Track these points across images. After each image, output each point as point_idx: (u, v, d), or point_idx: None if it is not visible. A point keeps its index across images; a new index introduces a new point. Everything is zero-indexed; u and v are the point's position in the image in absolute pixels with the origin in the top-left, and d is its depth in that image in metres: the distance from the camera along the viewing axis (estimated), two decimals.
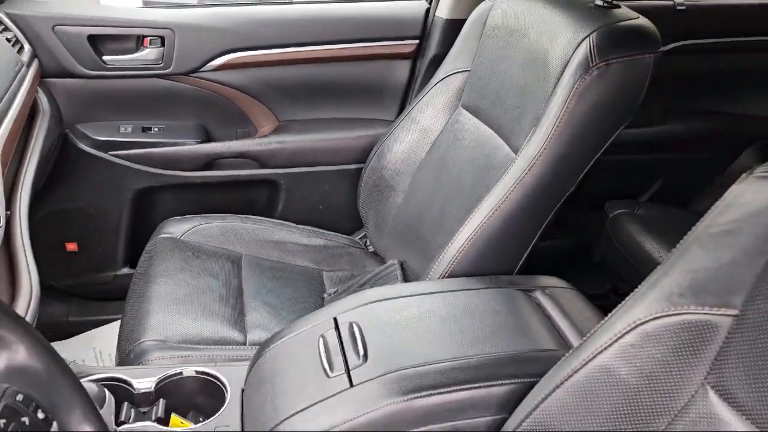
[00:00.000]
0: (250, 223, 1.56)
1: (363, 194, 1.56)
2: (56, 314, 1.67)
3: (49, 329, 1.07)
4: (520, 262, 1.12)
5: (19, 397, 0.47)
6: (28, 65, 1.34)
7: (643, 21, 1.08)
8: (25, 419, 0.45)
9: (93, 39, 1.46)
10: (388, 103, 1.67)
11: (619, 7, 1.12)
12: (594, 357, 0.72)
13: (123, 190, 1.60)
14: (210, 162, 1.62)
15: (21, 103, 1.18)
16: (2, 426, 0.43)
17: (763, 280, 0.61)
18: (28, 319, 0.89)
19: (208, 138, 1.62)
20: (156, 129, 1.58)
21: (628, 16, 1.08)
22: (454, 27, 1.51)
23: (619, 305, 0.73)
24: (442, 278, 1.09)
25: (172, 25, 1.48)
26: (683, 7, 1.70)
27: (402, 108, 1.69)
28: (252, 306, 1.30)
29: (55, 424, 0.49)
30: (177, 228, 1.47)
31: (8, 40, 1.31)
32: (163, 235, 1.45)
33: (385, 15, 1.63)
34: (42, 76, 1.44)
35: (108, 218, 1.63)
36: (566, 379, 0.73)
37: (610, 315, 0.74)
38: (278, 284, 1.40)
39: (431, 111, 1.45)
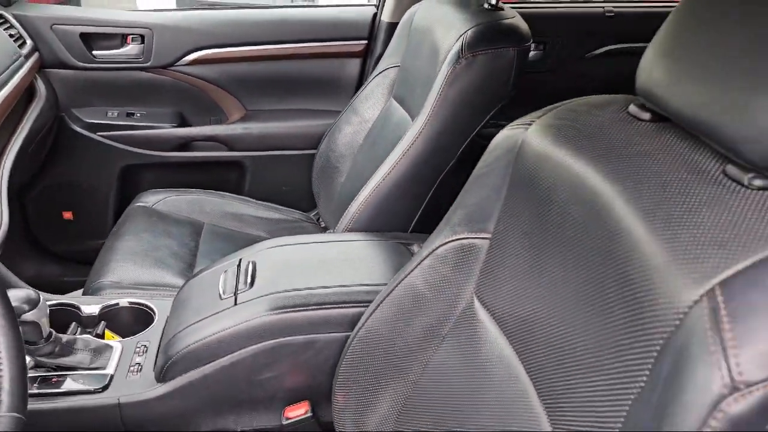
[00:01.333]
0: (215, 198, 1.79)
1: (314, 175, 1.78)
2: (53, 275, 1.93)
3: (47, 287, 1.32)
4: (413, 223, 1.32)
5: None
6: (28, 57, 1.60)
7: (515, 21, 1.27)
8: None
9: (85, 36, 1.73)
10: (341, 96, 1.89)
11: (502, 9, 1.31)
12: (405, 278, 0.91)
13: (111, 166, 1.86)
14: (185, 144, 1.86)
15: (14, 86, 1.44)
16: None
17: (504, 206, 0.80)
18: None
19: (183, 123, 1.87)
20: (138, 114, 1.84)
21: (504, 16, 1.28)
22: (394, 29, 1.72)
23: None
24: (342, 232, 1.30)
25: (150, 25, 1.74)
26: (612, 14, 1.88)
27: None
28: (200, 263, 1.53)
29: None
30: (151, 198, 1.72)
31: (11, 35, 1.58)
32: (138, 204, 1.69)
33: (338, 18, 1.86)
34: (41, 66, 1.71)
35: (98, 191, 1.89)
36: (386, 296, 0.93)
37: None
38: (230, 248, 1.62)
39: (370, 102, 1.66)
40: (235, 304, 1.05)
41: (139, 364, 1.08)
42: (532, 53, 1.89)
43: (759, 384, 0.39)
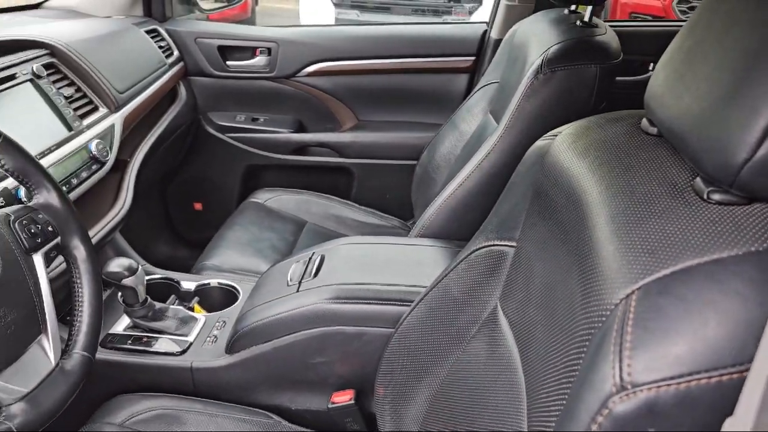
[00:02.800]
0: (322, 200, 1.92)
1: (414, 184, 1.85)
2: (183, 257, 2.18)
3: (177, 267, 1.53)
4: None
5: (41, 217, 0.86)
6: (172, 65, 1.85)
7: (605, 38, 1.24)
8: (38, 226, 0.84)
9: (221, 48, 1.95)
10: (446, 110, 1.94)
11: (596, 26, 1.30)
12: (441, 280, 0.95)
13: (236, 165, 2.07)
14: (300, 148, 2.02)
15: (155, 90, 1.67)
16: (22, 223, 0.82)
17: (527, 214, 0.81)
18: (112, 224, 1.34)
19: (301, 129, 2.03)
20: (262, 119, 2.03)
21: (594, 33, 1.26)
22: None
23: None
24: (414, 236, 1.35)
25: (277, 39, 1.92)
26: None
27: None
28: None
29: (59, 238, 0.88)
30: (264, 195, 1.89)
31: (161, 47, 1.83)
32: (252, 199, 1.87)
33: (449, 35, 1.92)
34: (185, 74, 1.96)
35: (225, 186, 2.11)
36: (424, 297, 0.97)
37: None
38: None
39: (469, 117, 1.70)
40: (298, 291, 1.15)
41: (215, 336, 1.21)
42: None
43: (644, 386, 0.39)
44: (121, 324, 1.24)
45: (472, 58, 1.89)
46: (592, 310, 0.49)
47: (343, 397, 1.11)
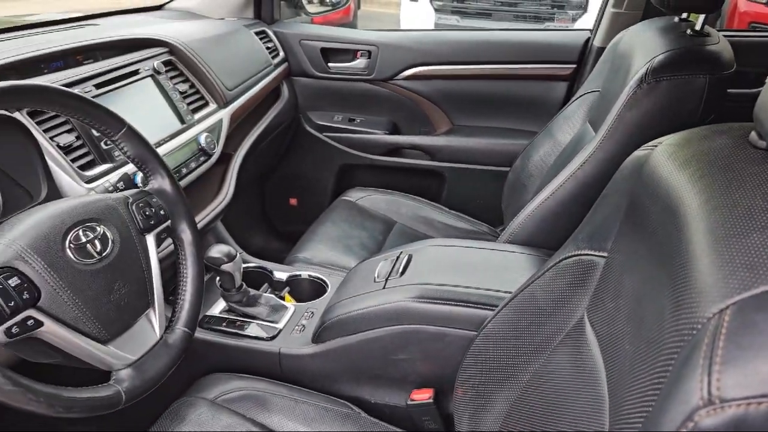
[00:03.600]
0: (412, 201, 1.95)
1: (505, 191, 1.84)
2: (276, 249, 2.27)
3: (269, 258, 1.61)
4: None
5: (155, 200, 0.94)
6: (277, 66, 1.94)
7: (717, 48, 1.19)
8: (152, 209, 0.92)
9: (324, 51, 2.02)
10: (543, 117, 1.91)
11: (707, 35, 1.24)
12: (527, 286, 0.95)
13: (331, 163, 2.13)
14: (394, 150, 2.06)
15: (261, 88, 1.76)
16: (138, 205, 0.90)
17: (620, 225, 0.79)
18: (215, 213, 1.42)
19: (395, 131, 2.07)
20: (358, 120, 2.09)
21: (706, 42, 1.20)
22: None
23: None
24: (502, 242, 1.34)
25: (377, 42, 1.97)
26: None
27: None
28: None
29: (169, 222, 0.95)
30: (356, 194, 1.94)
31: (268, 48, 1.92)
32: (344, 197, 1.93)
33: (550, 42, 1.89)
34: (289, 74, 2.05)
35: (319, 183, 2.18)
36: (509, 302, 0.97)
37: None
38: None
39: (566, 126, 1.67)
40: (384, 288, 1.17)
41: (303, 325, 1.26)
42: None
43: (733, 402, 0.38)
44: (218, 307, 1.32)
45: (573, 65, 1.85)
46: (682, 323, 0.48)
47: (423, 395, 1.12)
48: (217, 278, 1.29)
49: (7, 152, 1.01)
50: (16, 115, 0.99)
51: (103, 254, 0.82)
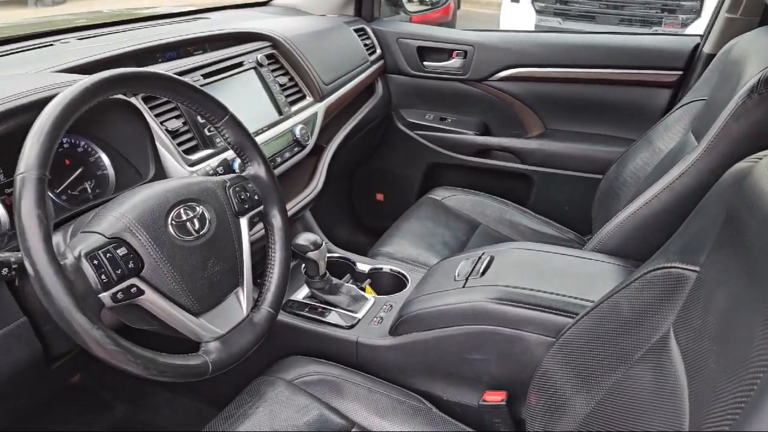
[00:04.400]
0: (498, 204, 1.93)
1: (596, 198, 1.79)
2: (359, 242, 2.32)
3: (352, 251, 1.67)
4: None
5: (250, 186, 0.99)
6: (374, 63, 1.98)
7: None
8: (247, 193, 0.97)
9: (420, 49, 2.04)
10: (641, 125, 1.83)
11: None
12: (612, 296, 0.92)
13: (420, 161, 2.15)
14: (483, 150, 2.05)
15: (356, 84, 1.80)
16: (235, 189, 0.95)
17: (716, 239, 0.75)
18: (304, 202, 1.48)
19: (486, 132, 2.06)
20: (449, 119, 2.09)
21: None
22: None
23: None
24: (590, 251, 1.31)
25: (474, 42, 1.96)
26: None
27: None
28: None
29: (262, 207, 1.00)
30: (442, 193, 1.94)
31: (366, 45, 1.97)
32: (430, 196, 1.94)
33: (656, 47, 1.81)
34: (384, 71, 2.08)
35: (406, 180, 2.20)
36: (591, 310, 0.95)
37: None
38: None
39: (667, 135, 1.60)
40: (464, 287, 1.18)
41: (381, 317, 1.29)
42: None
43: None
44: (301, 293, 1.37)
45: (679, 72, 1.77)
46: None
47: (496, 397, 1.12)
48: (302, 265, 1.34)
49: (122, 134, 1.10)
50: (132, 99, 1.08)
51: (201, 233, 0.87)
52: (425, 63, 2.06)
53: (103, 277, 0.76)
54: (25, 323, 0.89)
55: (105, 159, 1.10)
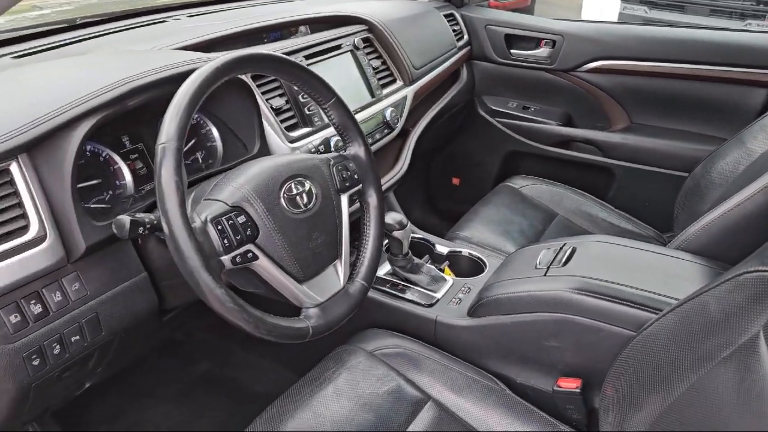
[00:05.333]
0: (576, 195, 1.92)
1: (679, 197, 1.76)
2: (433, 224, 2.36)
3: (429, 233, 1.74)
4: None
5: (351, 165, 1.05)
6: (460, 48, 2.00)
7: None
8: (348, 172, 1.03)
9: (508, 37, 2.05)
10: (732, 124, 1.79)
11: None
12: (699, 295, 0.93)
13: (499, 148, 2.17)
14: (564, 141, 2.04)
15: (443, 69, 1.84)
16: (338, 167, 1.01)
17: None
18: (390, 183, 1.53)
19: (569, 123, 2.05)
20: (533, 108, 2.09)
21: None
22: None
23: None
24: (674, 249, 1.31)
25: (563, 32, 1.95)
26: None
27: None
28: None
29: (360, 185, 1.06)
30: (520, 182, 1.95)
31: (454, 30, 1.99)
32: (508, 183, 1.95)
33: (756, 44, 1.75)
34: (469, 58, 2.10)
35: (484, 166, 2.23)
36: (676, 307, 0.96)
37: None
38: None
39: (761, 135, 1.56)
40: (545, 275, 1.21)
41: (460, 298, 1.34)
42: None
43: None
44: (384, 269, 1.43)
45: None
46: None
47: (570, 384, 1.15)
48: (386, 242, 1.40)
49: (232, 110, 1.17)
50: (245, 78, 1.15)
51: (308, 206, 0.94)
52: (512, 51, 2.06)
53: (225, 241, 0.83)
54: (145, 278, 0.99)
55: (215, 132, 1.19)
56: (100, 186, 1.01)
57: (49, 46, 1.23)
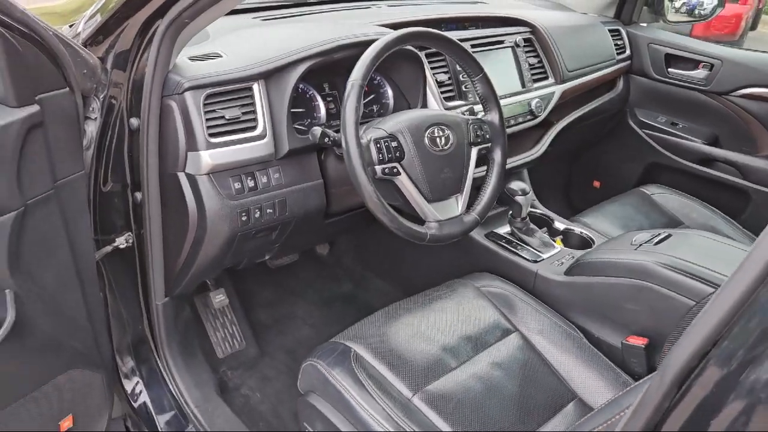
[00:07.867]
0: (707, 211, 1.95)
1: None
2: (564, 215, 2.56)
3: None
4: None
5: (485, 127, 1.35)
6: (621, 61, 2.20)
7: None
8: (482, 132, 1.33)
9: (668, 56, 2.20)
10: None
11: None
12: None
13: (641, 158, 2.32)
14: (706, 160, 2.15)
15: (597, 76, 2.06)
16: (474, 126, 1.32)
17: None
18: (521, 161, 1.80)
19: (714, 144, 2.15)
20: (681, 125, 2.22)
21: None
22: None
23: None
24: None
25: (721, 57, 2.06)
26: None
27: None
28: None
29: (489, 144, 1.35)
30: (653, 189, 2.02)
31: (616, 44, 2.19)
32: (641, 188, 2.08)
33: None
34: (628, 71, 2.28)
35: (626, 174, 2.37)
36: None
37: None
38: None
39: None
40: (636, 250, 1.41)
41: (562, 262, 1.58)
42: None
43: None
44: (503, 229, 1.71)
45: None
46: None
47: (637, 341, 1.35)
48: (509, 210, 1.67)
49: (405, 76, 1.53)
50: (419, 53, 1.50)
51: (445, 148, 1.26)
52: (670, 69, 2.21)
53: (380, 156, 1.19)
54: (321, 183, 1.37)
55: (389, 92, 1.55)
56: (304, 114, 1.42)
57: (286, 15, 1.68)
